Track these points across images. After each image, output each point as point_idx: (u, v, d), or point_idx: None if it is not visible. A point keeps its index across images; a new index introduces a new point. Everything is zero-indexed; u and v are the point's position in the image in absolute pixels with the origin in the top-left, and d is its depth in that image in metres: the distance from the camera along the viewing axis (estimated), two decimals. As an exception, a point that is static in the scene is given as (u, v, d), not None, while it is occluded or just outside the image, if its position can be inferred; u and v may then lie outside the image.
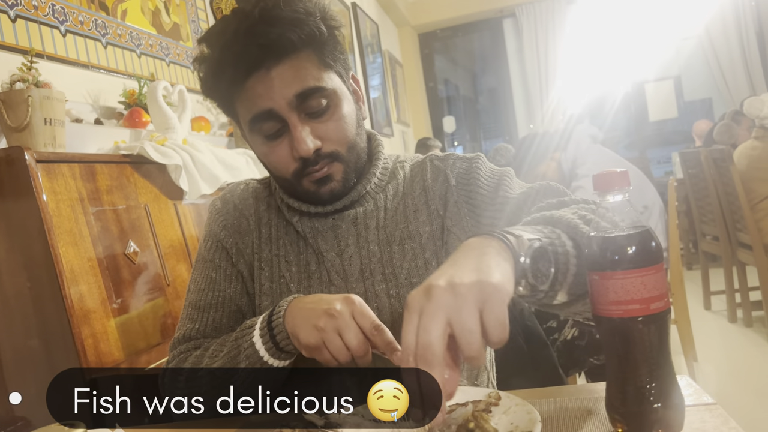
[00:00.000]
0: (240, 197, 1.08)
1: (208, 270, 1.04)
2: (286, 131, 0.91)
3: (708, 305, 4.08)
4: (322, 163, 0.92)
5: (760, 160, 3.32)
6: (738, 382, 2.87)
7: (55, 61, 1.96)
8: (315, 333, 0.77)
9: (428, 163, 1.06)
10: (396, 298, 0.97)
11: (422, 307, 0.60)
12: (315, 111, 0.90)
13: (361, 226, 0.99)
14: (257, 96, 0.89)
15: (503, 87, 6.94)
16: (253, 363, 0.83)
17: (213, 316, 1.00)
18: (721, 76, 5.82)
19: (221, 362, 0.87)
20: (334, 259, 0.99)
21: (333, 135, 0.92)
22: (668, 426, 0.63)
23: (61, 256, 1.34)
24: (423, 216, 1.01)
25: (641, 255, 0.62)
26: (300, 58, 0.89)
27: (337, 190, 0.95)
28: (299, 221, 1.01)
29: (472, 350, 0.58)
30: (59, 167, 1.40)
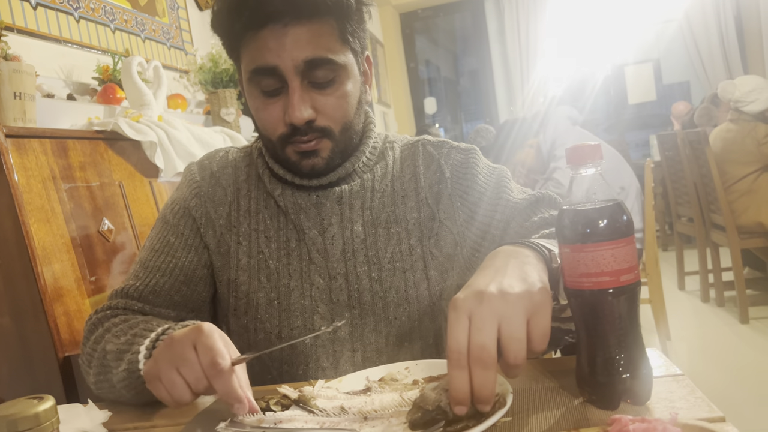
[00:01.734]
0: (219, 165, 1.05)
1: (168, 234, 1.01)
2: (285, 92, 0.88)
3: (682, 285, 4.15)
4: (312, 136, 0.89)
5: (734, 143, 3.37)
6: (709, 359, 2.94)
7: (25, 35, 1.91)
8: (152, 365, 0.72)
9: (420, 147, 1.04)
10: (377, 281, 0.96)
11: (473, 310, 0.60)
12: (319, 82, 0.87)
13: (345, 206, 0.97)
14: (266, 49, 0.85)
15: (484, 69, 6.93)
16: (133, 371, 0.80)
17: (157, 280, 0.97)
18: (699, 60, 5.87)
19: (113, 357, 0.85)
20: (315, 237, 0.96)
21: (330, 111, 0.89)
22: (636, 396, 0.64)
23: (33, 233, 1.32)
24: (411, 202, 1.00)
25: (611, 228, 0.63)
26: (321, 23, 0.85)
27: (319, 167, 0.93)
28: (281, 195, 0.98)
29: (517, 359, 0.59)
30: (30, 142, 1.37)
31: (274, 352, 0.97)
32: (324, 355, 0.95)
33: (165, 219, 1.02)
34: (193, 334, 0.70)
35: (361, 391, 0.75)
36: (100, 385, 0.87)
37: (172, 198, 1.05)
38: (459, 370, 0.59)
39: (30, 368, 1.35)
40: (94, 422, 0.76)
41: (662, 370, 0.73)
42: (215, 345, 0.68)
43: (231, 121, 2.51)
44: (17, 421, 0.56)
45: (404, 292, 0.96)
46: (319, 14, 0.85)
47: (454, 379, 0.59)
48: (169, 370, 0.69)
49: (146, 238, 1.05)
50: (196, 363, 0.68)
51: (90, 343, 0.91)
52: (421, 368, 0.80)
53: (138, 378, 0.79)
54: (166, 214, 1.03)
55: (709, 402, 0.63)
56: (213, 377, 0.67)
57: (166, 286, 0.97)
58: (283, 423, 0.68)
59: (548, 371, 0.78)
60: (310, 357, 0.95)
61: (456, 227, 0.99)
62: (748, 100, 3.34)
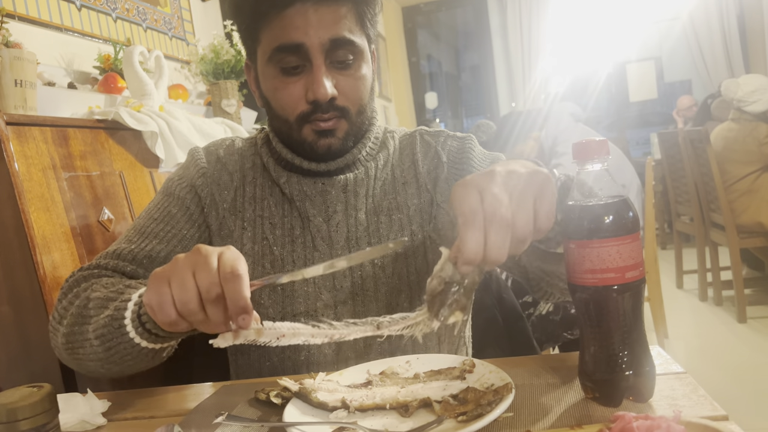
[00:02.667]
0: (226, 151, 1.05)
1: (170, 205, 1.00)
2: (306, 71, 0.89)
3: (680, 284, 4.16)
4: (332, 114, 0.91)
5: (735, 142, 3.36)
6: (706, 358, 2.95)
7: (26, 23, 1.90)
8: (167, 268, 0.67)
9: (418, 137, 1.05)
10: (381, 268, 0.97)
11: (483, 185, 0.61)
12: (341, 61, 0.89)
13: (350, 194, 0.98)
14: (293, 27, 0.86)
15: (486, 64, 6.91)
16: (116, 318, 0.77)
17: (153, 246, 0.95)
18: (701, 58, 5.86)
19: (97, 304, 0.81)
20: (320, 225, 0.97)
21: (350, 91, 0.91)
22: (639, 393, 0.64)
23: (33, 221, 1.31)
24: (411, 189, 1.01)
25: (617, 224, 0.63)
26: (342, 6, 0.88)
27: (335, 148, 0.93)
28: (287, 182, 0.98)
29: (525, 231, 0.60)
30: (30, 130, 1.37)
31: None
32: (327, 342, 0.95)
33: (168, 191, 1.02)
34: (221, 248, 0.68)
35: (362, 385, 0.75)
36: (71, 338, 0.82)
37: (176, 174, 1.05)
38: (473, 229, 0.59)
39: (29, 357, 1.34)
40: (93, 411, 0.76)
41: (664, 368, 0.72)
42: (239, 259, 0.66)
43: (232, 112, 2.50)
44: (16, 410, 0.55)
45: (406, 278, 0.97)
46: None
47: (468, 239, 0.59)
48: (185, 270, 0.65)
49: (143, 210, 1.03)
50: (215, 270, 0.65)
51: (68, 297, 0.88)
52: (422, 362, 0.79)
53: (118, 329, 0.76)
54: (170, 187, 1.02)
55: (711, 400, 0.62)
56: (228, 280, 0.63)
57: (162, 254, 0.95)
58: (286, 337, 0.68)
59: (551, 367, 0.78)
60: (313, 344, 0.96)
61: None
62: (751, 100, 3.33)
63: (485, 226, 0.59)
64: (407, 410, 0.66)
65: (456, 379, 0.73)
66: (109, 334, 0.77)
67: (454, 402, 0.66)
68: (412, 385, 0.73)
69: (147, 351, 0.78)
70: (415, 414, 0.66)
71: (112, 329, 0.77)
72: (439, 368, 0.77)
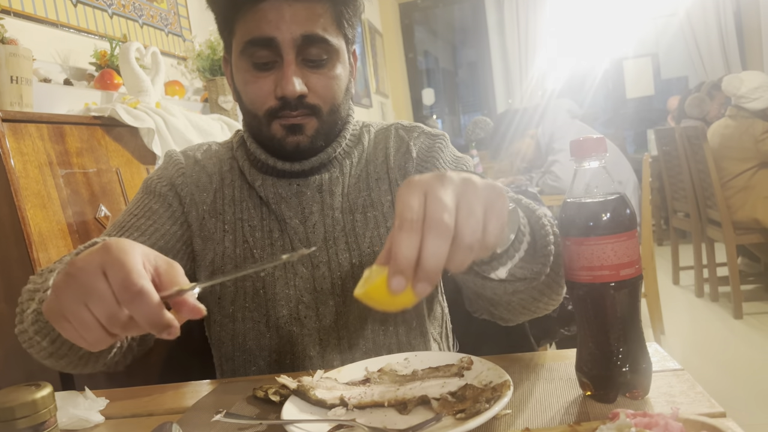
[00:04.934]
0: (204, 155, 1.05)
1: (151, 202, 0.99)
2: (277, 67, 0.89)
3: (677, 280, 4.17)
4: (301, 111, 0.90)
5: (732, 139, 3.36)
6: (702, 354, 2.96)
7: (22, 18, 1.89)
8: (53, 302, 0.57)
9: (393, 131, 1.05)
10: (359, 267, 0.96)
11: (431, 186, 0.53)
12: (313, 60, 0.89)
13: (326, 193, 0.98)
14: (265, 21, 0.86)
15: (483, 61, 6.90)
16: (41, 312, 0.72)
17: (135, 238, 0.93)
18: (698, 55, 5.86)
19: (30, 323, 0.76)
20: (297, 227, 0.97)
21: (321, 89, 0.90)
22: (635, 389, 0.64)
23: (29, 218, 1.30)
24: (384, 185, 1.00)
25: (613, 222, 0.63)
26: (319, 4, 0.87)
27: (304, 146, 0.92)
28: (262, 185, 0.98)
29: (473, 239, 0.53)
30: (26, 127, 1.36)
31: (262, 341, 0.97)
32: (310, 343, 0.96)
33: (149, 189, 1.01)
34: (99, 254, 0.56)
35: (361, 382, 0.75)
36: (21, 337, 0.79)
37: (155, 174, 1.04)
38: (408, 234, 0.51)
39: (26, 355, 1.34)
40: (91, 410, 0.76)
41: (661, 364, 0.73)
42: (127, 262, 0.54)
43: (229, 108, 2.49)
44: (14, 408, 0.55)
45: None
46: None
47: (401, 244, 0.51)
48: (74, 304, 0.55)
49: (122, 211, 1.02)
50: (108, 293, 0.54)
51: (26, 292, 0.83)
52: (420, 359, 0.80)
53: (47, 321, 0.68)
54: (150, 185, 1.02)
55: (709, 397, 0.63)
56: (128, 302, 0.53)
57: None
58: None
59: (548, 364, 0.78)
60: (297, 345, 0.96)
61: None
62: (753, 97, 3.33)
63: (423, 231, 0.51)
64: (405, 407, 0.66)
65: (454, 376, 0.73)
66: (44, 328, 0.73)
67: (452, 399, 0.66)
68: (410, 382, 0.73)
69: None
70: (413, 411, 0.66)
71: (42, 323, 0.73)
72: (438, 365, 0.77)
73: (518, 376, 0.74)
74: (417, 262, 0.51)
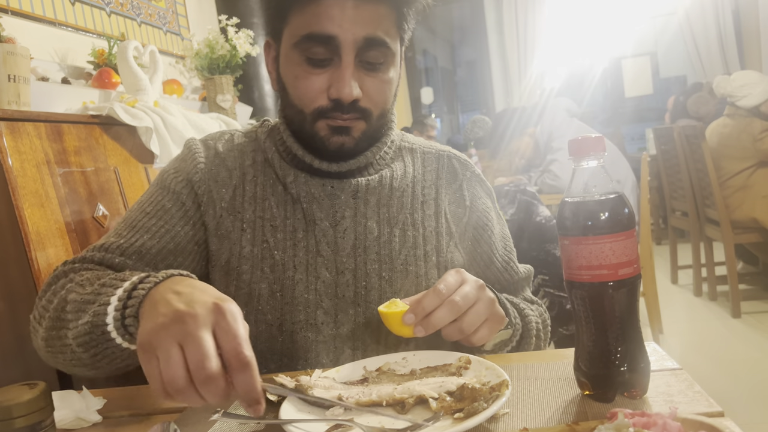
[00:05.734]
0: (225, 147, 1.00)
1: (164, 199, 0.95)
2: (333, 65, 0.85)
3: (675, 279, 4.17)
4: (352, 115, 0.87)
5: (730, 138, 3.37)
6: (701, 353, 2.96)
7: (20, 17, 1.89)
8: (152, 334, 0.58)
9: (446, 160, 1.04)
10: (387, 281, 0.94)
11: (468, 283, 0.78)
12: (371, 63, 0.86)
13: (360, 200, 0.94)
14: (328, 17, 0.82)
15: (482, 60, 6.90)
16: (98, 325, 0.71)
17: (144, 241, 0.90)
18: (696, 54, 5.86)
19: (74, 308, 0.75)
20: (327, 230, 0.93)
21: (375, 94, 0.88)
22: (633, 388, 0.64)
23: (27, 217, 1.30)
24: (430, 210, 0.99)
25: (611, 221, 0.63)
26: (382, 7, 0.84)
27: (348, 147, 0.90)
28: (294, 182, 0.93)
29: (468, 328, 0.77)
30: (24, 126, 1.36)
31: (275, 345, 0.93)
32: (324, 351, 0.93)
33: (163, 184, 0.96)
34: (213, 311, 0.58)
35: (359, 381, 0.75)
36: (50, 343, 0.78)
37: (171, 167, 0.99)
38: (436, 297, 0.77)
39: (23, 354, 1.34)
40: (88, 409, 0.76)
41: (659, 364, 0.73)
42: (240, 332, 0.57)
43: (227, 107, 2.49)
44: (11, 408, 0.55)
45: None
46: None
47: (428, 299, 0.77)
48: (170, 342, 0.56)
49: (134, 203, 0.98)
50: (212, 350, 0.55)
51: (47, 295, 0.83)
52: (418, 359, 0.79)
53: (102, 335, 0.69)
54: (164, 180, 0.97)
55: (707, 396, 0.63)
56: (236, 369, 0.55)
57: (152, 250, 0.90)
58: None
59: (547, 364, 0.78)
60: (311, 352, 0.93)
61: (461, 255, 1.01)
62: (740, 95, 3.34)
63: (445, 300, 0.75)
64: (404, 407, 0.66)
65: (452, 375, 0.73)
66: (92, 341, 0.72)
67: (450, 399, 0.66)
68: (408, 381, 0.72)
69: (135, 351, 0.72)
70: (411, 411, 0.66)
71: (95, 336, 0.71)
72: (436, 365, 0.77)
73: (516, 375, 0.74)
74: (428, 316, 0.75)
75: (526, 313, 0.96)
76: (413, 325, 0.76)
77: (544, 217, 2.15)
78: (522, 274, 1.07)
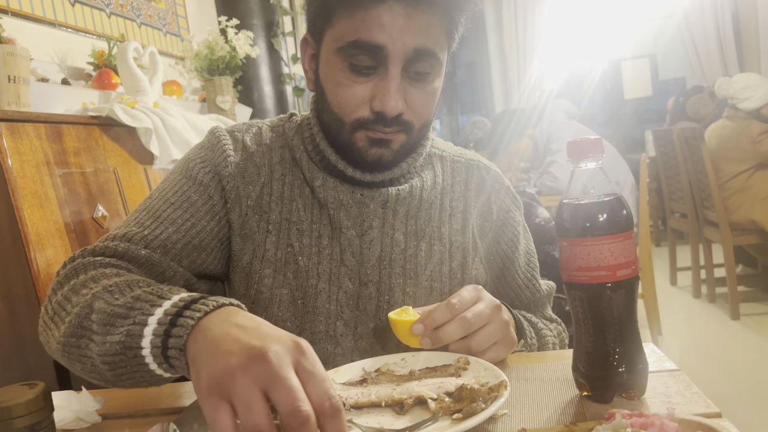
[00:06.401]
0: (253, 141, 0.93)
1: (191, 190, 0.88)
2: (378, 75, 0.80)
3: (674, 281, 4.17)
4: (394, 128, 0.83)
5: (729, 140, 3.37)
6: (700, 355, 2.96)
7: (20, 18, 1.89)
8: (224, 378, 0.50)
9: (476, 170, 1.00)
10: (411, 297, 0.91)
11: (483, 301, 0.78)
12: (419, 73, 0.81)
13: (389, 210, 0.91)
14: (378, 25, 0.77)
15: (481, 61, 6.90)
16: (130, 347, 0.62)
17: (169, 234, 0.83)
18: (695, 56, 5.87)
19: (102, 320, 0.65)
20: (353, 239, 0.89)
21: (419, 106, 0.84)
22: (631, 389, 0.65)
23: (26, 218, 1.30)
24: (457, 224, 0.96)
25: (609, 222, 0.63)
26: (435, 16, 0.80)
27: (385, 160, 0.86)
28: (322, 186, 0.89)
29: (476, 347, 0.76)
30: (24, 126, 1.36)
31: None
32: (342, 363, 0.88)
33: (190, 174, 0.89)
34: (294, 351, 0.51)
35: (358, 382, 0.75)
36: (69, 350, 0.69)
37: (197, 155, 0.92)
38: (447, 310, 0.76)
39: (22, 354, 1.34)
40: (87, 409, 0.76)
41: (657, 365, 0.73)
42: (325, 375, 0.51)
43: (227, 108, 2.49)
44: (10, 408, 0.55)
45: None
46: (441, 4, 0.80)
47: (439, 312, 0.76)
48: (250, 386, 0.48)
49: (154, 190, 0.91)
50: (300, 390, 0.49)
51: (64, 289, 0.74)
52: (417, 359, 0.80)
53: (134, 358, 0.61)
54: (191, 169, 0.89)
55: (705, 397, 0.63)
56: (329, 416, 0.49)
57: (178, 245, 0.84)
58: None
59: (545, 364, 0.78)
60: (328, 364, 0.89)
61: (486, 271, 1.00)
62: (742, 97, 3.34)
63: (457, 316, 0.75)
64: (402, 408, 0.66)
65: (451, 376, 0.73)
66: (121, 362, 0.63)
67: (449, 399, 0.66)
68: (407, 382, 0.73)
69: (168, 378, 0.66)
70: (410, 411, 0.66)
71: (125, 358, 0.62)
72: (435, 366, 0.77)
73: (515, 376, 0.74)
74: (437, 329, 0.75)
75: (543, 333, 0.95)
76: (421, 336, 0.75)
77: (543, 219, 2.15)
78: (544, 291, 1.03)
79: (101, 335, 0.64)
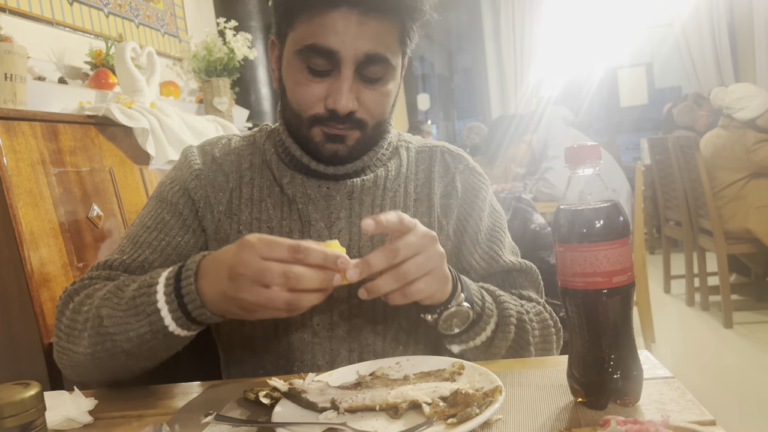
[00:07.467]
0: (221, 151, 1.01)
1: (163, 212, 0.96)
2: (332, 76, 0.86)
3: (668, 289, 4.18)
4: (347, 125, 0.89)
5: (724, 149, 3.39)
6: (693, 363, 2.97)
7: (17, 16, 1.89)
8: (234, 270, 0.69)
9: (438, 154, 1.03)
10: None
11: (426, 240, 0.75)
12: (370, 77, 0.87)
13: (356, 201, 0.95)
14: (332, 31, 0.83)
15: (478, 67, 6.92)
16: (156, 332, 0.76)
17: (146, 256, 0.92)
18: (691, 65, 5.90)
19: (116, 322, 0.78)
20: (322, 230, 0.94)
21: (371, 106, 0.89)
22: (626, 396, 0.65)
23: (20, 217, 1.30)
24: (423, 207, 0.98)
25: (606, 229, 0.63)
26: (387, 22, 0.85)
27: (342, 154, 0.91)
28: (290, 183, 0.95)
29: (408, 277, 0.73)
30: (20, 125, 1.35)
31: (272, 346, 0.94)
32: (320, 352, 0.93)
33: (161, 197, 0.98)
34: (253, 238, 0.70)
35: (352, 386, 0.75)
36: (99, 355, 0.80)
37: (168, 177, 1.01)
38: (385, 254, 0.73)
39: (15, 354, 1.33)
40: (80, 410, 0.76)
41: (652, 372, 0.73)
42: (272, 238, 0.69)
43: (224, 110, 2.49)
44: (2, 407, 0.55)
45: None
46: (390, 12, 0.85)
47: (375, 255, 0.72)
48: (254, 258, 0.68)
49: (136, 216, 1.00)
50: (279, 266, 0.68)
51: (66, 314, 0.85)
52: (412, 363, 0.79)
53: (164, 338, 0.76)
54: (162, 192, 0.99)
55: (699, 405, 0.63)
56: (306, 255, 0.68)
57: (155, 264, 0.92)
58: None
59: (540, 370, 0.78)
60: (306, 353, 0.93)
61: (453, 244, 1.00)
62: (738, 107, 3.36)
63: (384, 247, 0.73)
64: (397, 412, 0.66)
65: (446, 381, 0.73)
66: (157, 345, 0.78)
67: (443, 404, 0.66)
68: (401, 386, 0.72)
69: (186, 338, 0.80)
70: (404, 416, 0.66)
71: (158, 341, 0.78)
72: (429, 370, 0.77)
73: (510, 381, 0.74)
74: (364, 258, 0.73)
75: (502, 299, 0.89)
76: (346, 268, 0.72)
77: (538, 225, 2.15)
78: (511, 265, 0.99)
79: (120, 334, 0.77)
